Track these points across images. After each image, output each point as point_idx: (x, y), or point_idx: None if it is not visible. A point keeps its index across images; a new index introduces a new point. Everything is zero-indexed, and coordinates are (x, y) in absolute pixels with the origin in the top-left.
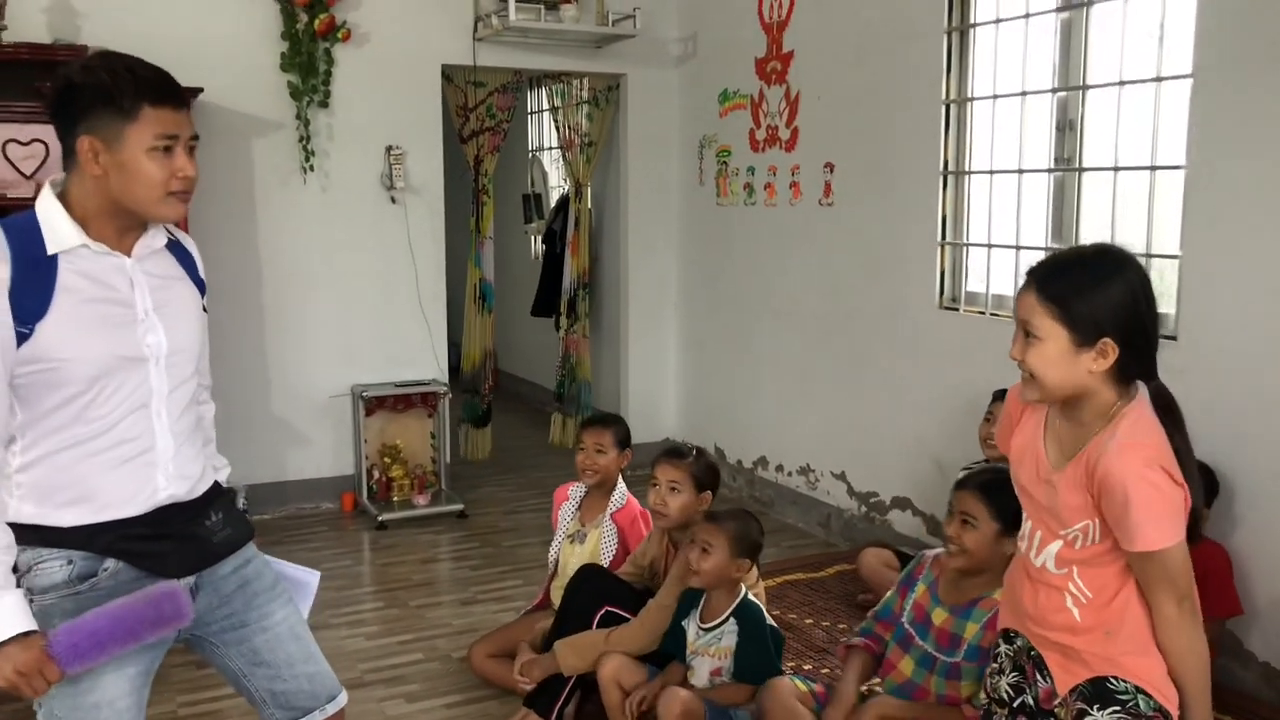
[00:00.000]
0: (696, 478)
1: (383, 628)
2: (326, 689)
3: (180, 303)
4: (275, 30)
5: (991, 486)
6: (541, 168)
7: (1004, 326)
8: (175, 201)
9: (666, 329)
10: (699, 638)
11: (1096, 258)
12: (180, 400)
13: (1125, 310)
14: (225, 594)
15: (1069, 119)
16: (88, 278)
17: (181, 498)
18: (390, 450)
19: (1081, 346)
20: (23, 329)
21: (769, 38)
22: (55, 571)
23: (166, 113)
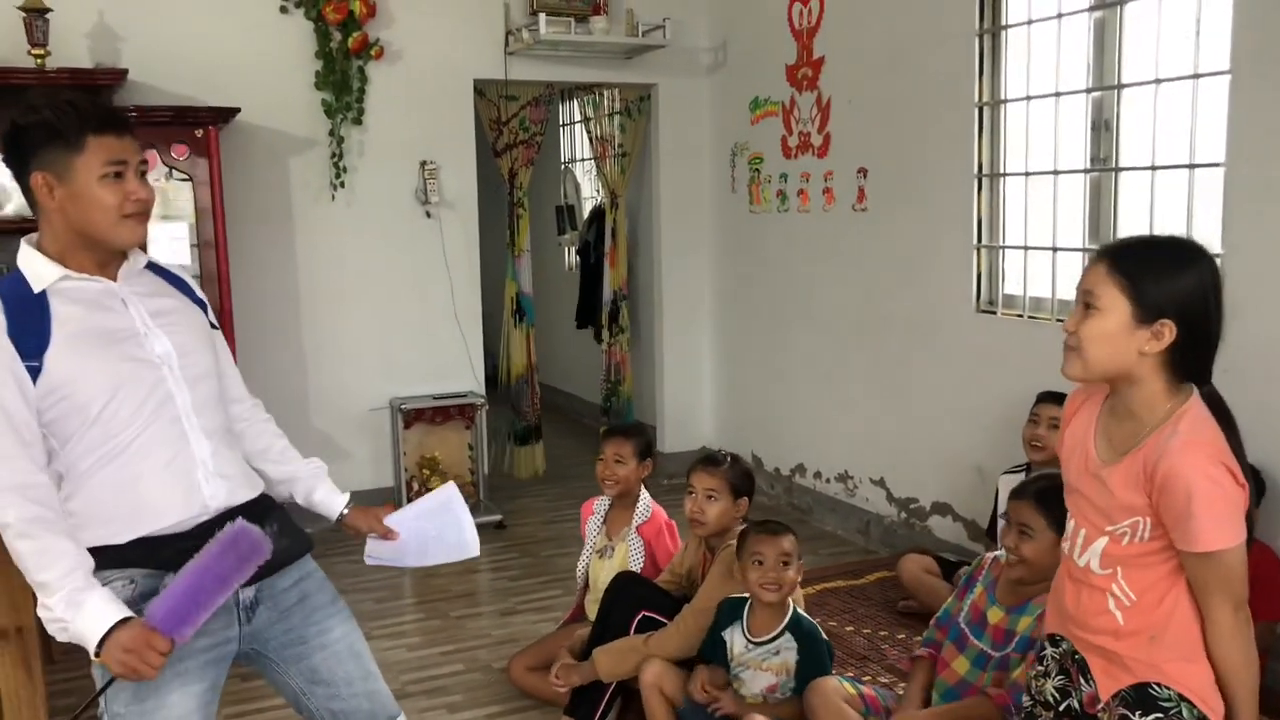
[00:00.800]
0: (733, 485)
1: (424, 639)
2: (385, 709)
3: (175, 312)
4: (310, 49)
5: (1047, 495)
6: (574, 179)
7: (1042, 329)
8: (132, 224)
9: (701, 337)
10: (748, 650)
11: (1174, 244)
12: (204, 400)
13: (1192, 299)
14: (285, 608)
15: (1104, 118)
16: (79, 304)
17: (227, 502)
18: (429, 462)
19: (1140, 323)
20: (32, 363)
21: (799, 44)
22: (119, 591)
23: (110, 140)
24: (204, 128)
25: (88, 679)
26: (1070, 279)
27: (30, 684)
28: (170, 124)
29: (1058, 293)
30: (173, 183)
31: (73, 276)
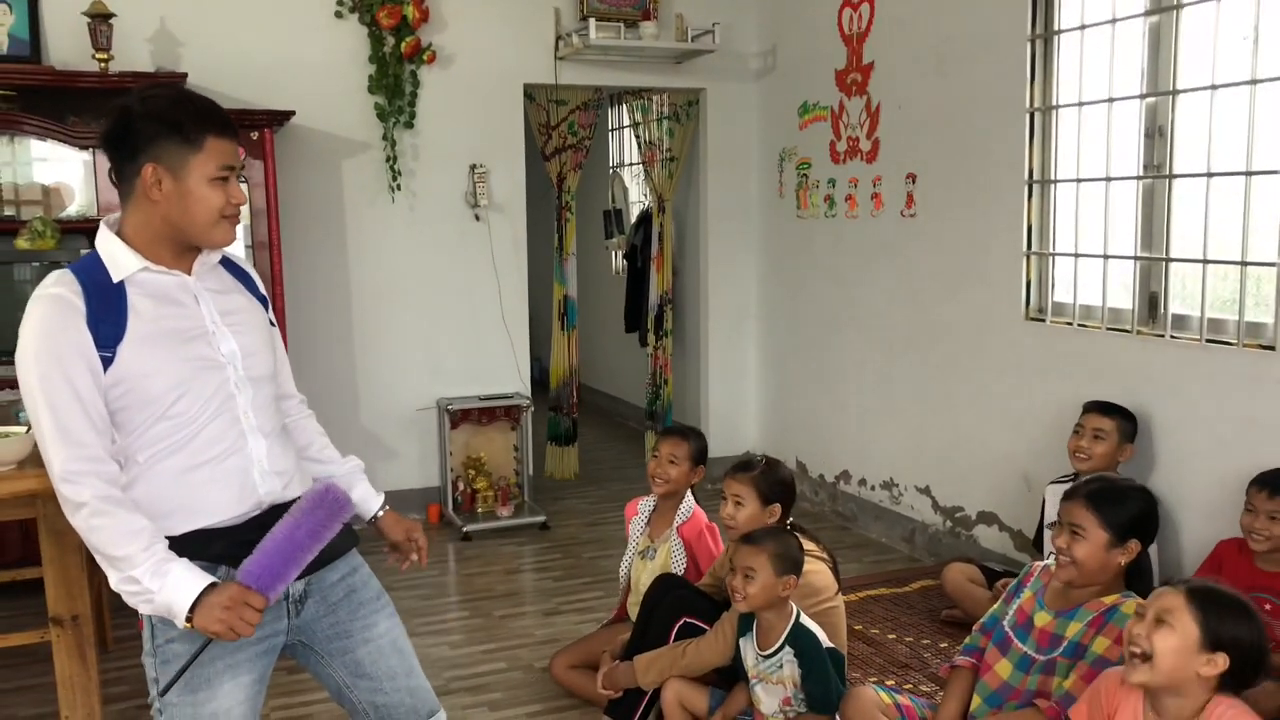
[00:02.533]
0: (761, 490)
1: (467, 637)
2: (426, 704)
3: (243, 311)
4: (363, 54)
5: (1100, 496)
6: (622, 183)
7: (1092, 337)
8: (228, 226)
9: (747, 342)
10: (758, 663)
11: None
12: (263, 401)
13: (1251, 644)
14: (332, 602)
15: (1158, 125)
16: (154, 297)
17: (281, 497)
18: (474, 462)
19: (1201, 650)
20: (105, 353)
21: (849, 49)
22: None
23: (226, 144)
24: (259, 130)
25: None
26: (1122, 286)
27: (85, 672)
28: None
29: (1108, 300)
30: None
31: (151, 269)
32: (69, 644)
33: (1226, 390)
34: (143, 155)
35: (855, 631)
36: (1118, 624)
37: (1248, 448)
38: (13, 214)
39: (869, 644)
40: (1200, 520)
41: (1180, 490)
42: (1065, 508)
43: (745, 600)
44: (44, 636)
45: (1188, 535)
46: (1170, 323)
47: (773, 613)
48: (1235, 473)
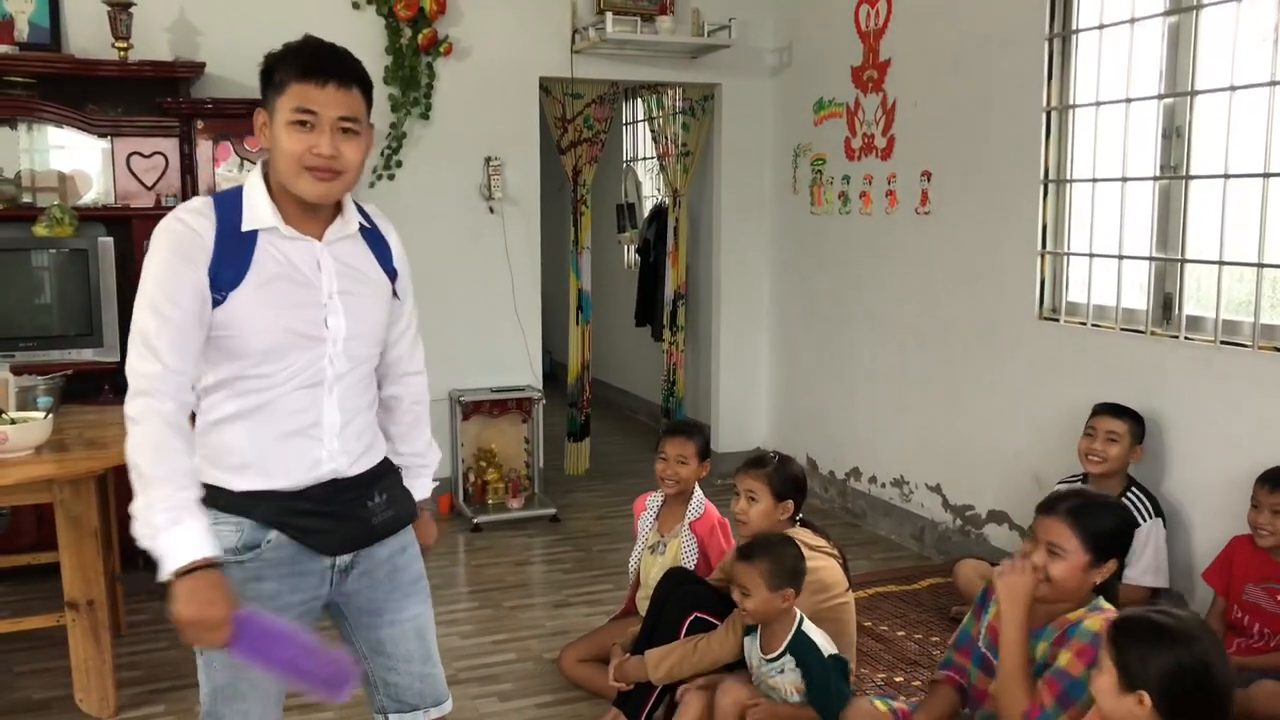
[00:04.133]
0: (774, 486)
1: (477, 627)
2: (434, 692)
3: (367, 292)
4: (380, 45)
5: (1081, 512)
6: (635, 177)
7: (1105, 337)
8: (311, 178)
9: (758, 338)
10: (762, 665)
11: None
12: (354, 380)
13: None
14: (376, 577)
15: (1176, 125)
16: (279, 256)
17: (344, 472)
18: (486, 454)
19: (1124, 692)
20: (218, 295)
21: (865, 46)
22: (229, 535)
23: (310, 88)
24: None
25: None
26: (1136, 287)
27: (100, 655)
28: (244, 116)
29: (1123, 301)
30: (244, 172)
31: (282, 230)
32: (84, 628)
33: (1241, 392)
34: (261, 104)
35: (864, 628)
36: (1080, 638)
37: (1261, 449)
38: (30, 201)
39: (878, 640)
40: (1212, 521)
41: (1193, 491)
42: (1043, 523)
43: (747, 614)
44: (60, 620)
45: (1199, 536)
46: (1185, 324)
47: (776, 621)
48: (1248, 474)
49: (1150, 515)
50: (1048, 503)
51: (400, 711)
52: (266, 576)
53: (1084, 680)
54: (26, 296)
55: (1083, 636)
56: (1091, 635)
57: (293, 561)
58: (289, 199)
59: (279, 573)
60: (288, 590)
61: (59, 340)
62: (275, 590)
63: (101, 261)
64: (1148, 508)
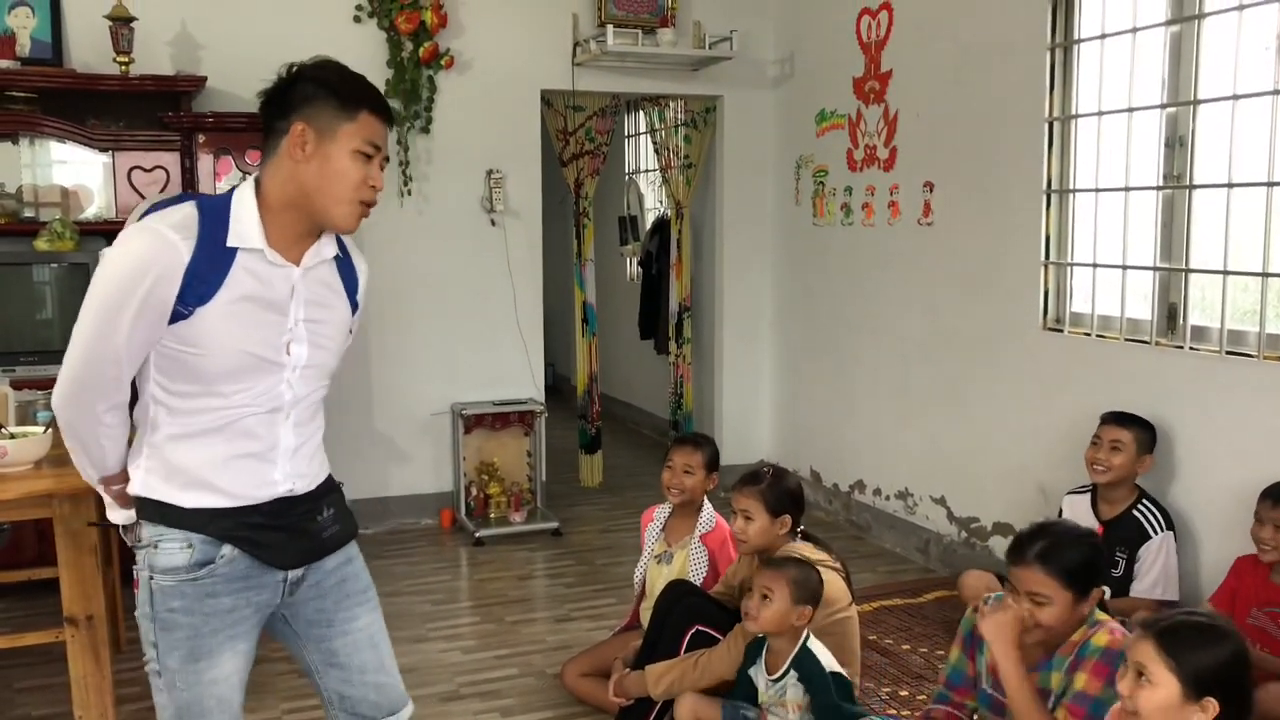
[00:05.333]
0: (769, 502)
1: (479, 642)
2: (391, 701)
3: (331, 320)
4: (381, 58)
5: (1051, 554)
6: (638, 189)
7: (1110, 348)
8: (357, 210)
9: (762, 350)
10: (767, 689)
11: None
12: (308, 405)
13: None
14: (324, 589)
15: (1179, 135)
16: (255, 277)
17: (294, 489)
18: (488, 468)
19: (1186, 702)
20: (184, 309)
21: (867, 57)
22: (176, 554)
23: (379, 124)
24: None
25: None
26: (1141, 297)
27: (99, 672)
28: (245, 130)
29: (1127, 311)
30: None
31: (266, 254)
32: (83, 644)
33: (1247, 402)
34: (295, 113)
35: (869, 642)
36: (1091, 657)
37: (1268, 461)
38: (32, 215)
39: (883, 654)
40: (1219, 533)
41: (1199, 503)
42: (1019, 575)
43: (757, 621)
44: (58, 636)
45: (1206, 549)
46: (1189, 334)
47: (784, 638)
48: (1255, 486)
49: (1161, 528)
50: (1016, 548)
51: None
52: (222, 592)
53: (1105, 698)
54: (27, 311)
55: (1094, 654)
56: (1102, 651)
57: (246, 575)
58: (283, 222)
59: (234, 587)
60: (244, 604)
61: (60, 355)
62: (232, 605)
63: None
64: (1159, 520)
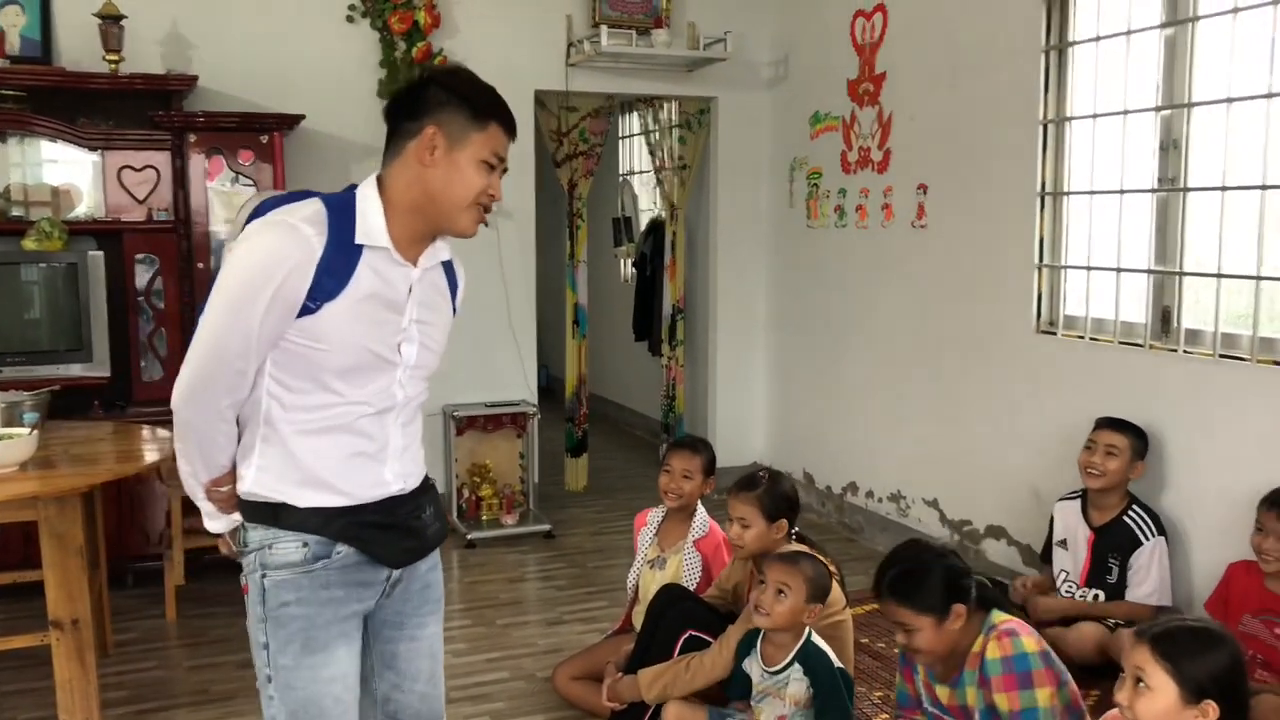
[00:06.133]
0: (765, 508)
1: (469, 645)
2: (432, 713)
3: (438, 322)
4: (374, 58)
5: (900, 584)
6: (632, 191)
7: (1103, 351)
8: (475, 214)
9: (755, 352)
10: (764, 680)
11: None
12: (414, 406)
13: (1229, 679)
14: (410, 591)
15: (1173, 138)
16: (378, 276)
17: (401, 488)
18: (480, 470)
19: (1186, 706)
20: (311, 304)
21: (861, 59)
22: (292, 552)
23: (504, 135)
24: (269, 134)
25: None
26: (1135, 301)
27: (84, 675)
28: (237, 130)
29: (1121, 314)
30: (238, 187)
31: (390, 252)
32: (69, 647)
33: (1240, 406)
34: (427, 117)
35: (861, 645)
36: (996, 674)
37: (1261, 465)
38: (21, 214)
39: (874, 658)
40: (1212, 538)
41: (1192, 508)
42: (886, 608)
43: (769, 617)
44: (44, 639)
45: (1199, 553)
46: (1183, 337)
47: (788, 633)
48: (1248, 491)
49: (1153, 534)
50: (875, 582)
51: None
52: (335, 584)
53: (1027, 705)
54: (15, 310)
55: (994, 670)
56: (1001, 662)
57: (357, 570)
58: (404, 223)
59: (346, 580)
60: (354, 599)
61: (48, 355)
62: (343, 597)
63: (91, 276)
64: (1150, 526)
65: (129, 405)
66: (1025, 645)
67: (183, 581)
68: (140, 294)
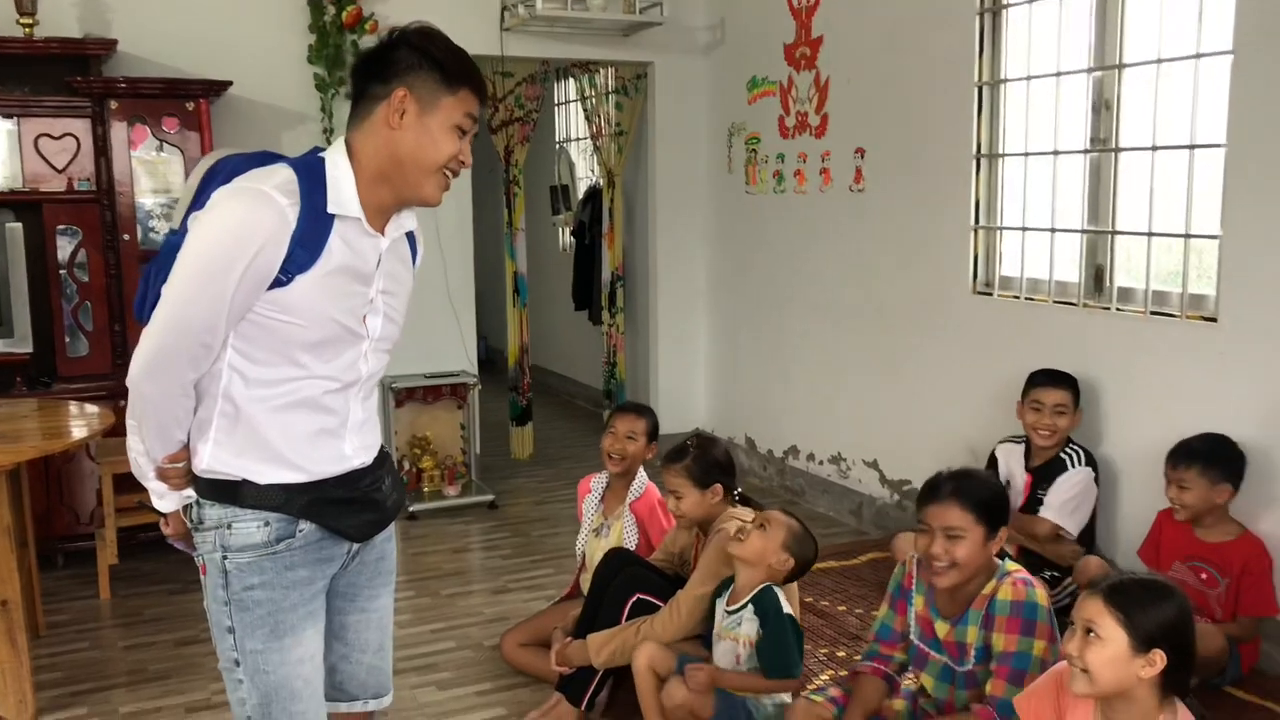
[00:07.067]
0: (695, 476)
1: (414, 616)
2: (378, 685)
3: (400, 293)
4: (303, 23)
5: (964, 489)
6: (568, 158)
7: (1038, 310)
8: (442, 181)
9: (696, 318)
10: (723, 620)
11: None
12: (376, 378)
13: (1177, 629)
14: (366, 562)
15: (1105, 99)
16: (349, 246)
17: (361, 462)
18: (420, 442)
19: (1135, 654)
20: (284, 276)
21: (798, 23)
22: (254, 533)
23: (476, 100)
24: (195, 100)
25: (76, 653)
26: (1069, 260)
27: (16, 657)
28: (161, 96)
29: (1055, 274)
30: (163, 155)
31: (364, 225)
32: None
33: (1170, 362)
34: (397, 80)
35: (806, 604)
36: (1002, 614)
37: (1190, 418)
38: None
39: (820, 616)
40: (1143, 489)
41: (1125, 460)
42: (932, 511)
43: (743, 546)
44: None
45: (1129, 504)
46: (1116, 295)
47: (755, 574)
48: (1176, 441)
49: (1082, 463)
50: (930, 489)
51: (338, 700)
52: (299, 564)
53: (1023, 650)
54: None
55: (1003, 611)
56: (1010, 605)
57: (319, 547)
58: (373, 190)
59: (309, 559)
60: (319, 576)
61: None
62: (309, 577)
63: (10, 249)
64: (1080, 456)
65: (54, 381)
66: (1037, 596)
67: (116, 561)
68: (63, 267)
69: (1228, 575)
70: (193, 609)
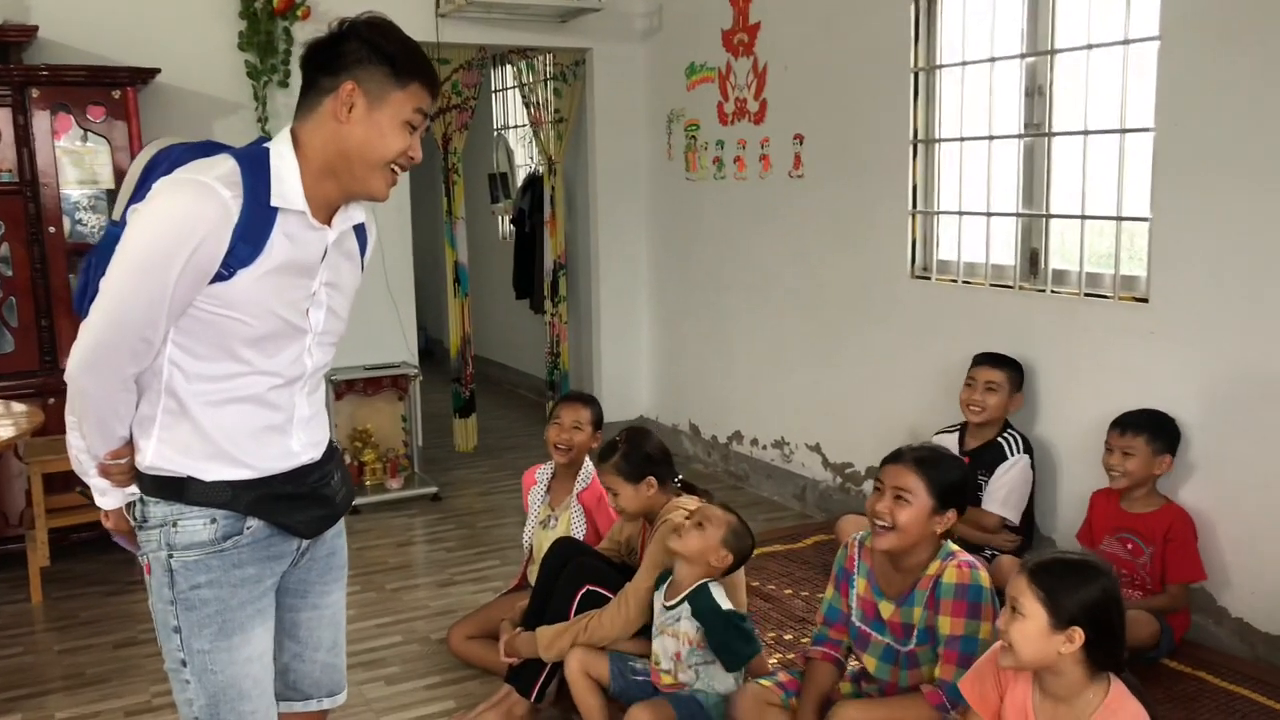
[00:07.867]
0: (625, 473)
1: (359, 611)
2: (331, 683)
3: (345, 286)
4: (233, 9)
5: (927, 461)
6: (507, 146)
7: (976, 294)
8: (390, 177)
9: (638, 305)
10: (661, 614)
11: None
12: (321, 371)
13: (1098, 608)
14: (316, 558)
15: (1038, 84)
16: (292, 240)
17: (309, 457)
18: (361, 435)
19: (1054, 631)
20: (225, 270)
21: (735, 9)
22: (199, 530)
23: (427, 95)
24: (121, 89)
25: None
26: (1004, 244)
27: None
28: (85, 84)
29: (991, 257)
30: (89, 146)
31: (309, 219)
32: None
33: (1104, 342)
34: (345, 73)
35: (752, 588)
36: (947, 597)
37: (1123, 397)
38: None
39: (766, 600)
40: (1078, 467)
41: (1061, 438)
42: (890, 470)
43: (682, 542)
44: None
45: (1066, 481)
46: (1051, 278)
47: (692, 570)
48: (1110, 419)
49: (1019, 451)
50: (895, 454)
51: (292, 700)
52: (247, 561)
53: (970, 633)
54: None
55: (948, 594)
56: (954, 588)
57: (268, 544)
58: (320, 184)
59: (257, 556)
60: (267, 574)
61: None
62: (257, 575)
63: None
64: (1018, 444)
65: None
66: (981, 579)
67: (47, 563)
68: None
69: (1152, 544)
70: (130, 610)
